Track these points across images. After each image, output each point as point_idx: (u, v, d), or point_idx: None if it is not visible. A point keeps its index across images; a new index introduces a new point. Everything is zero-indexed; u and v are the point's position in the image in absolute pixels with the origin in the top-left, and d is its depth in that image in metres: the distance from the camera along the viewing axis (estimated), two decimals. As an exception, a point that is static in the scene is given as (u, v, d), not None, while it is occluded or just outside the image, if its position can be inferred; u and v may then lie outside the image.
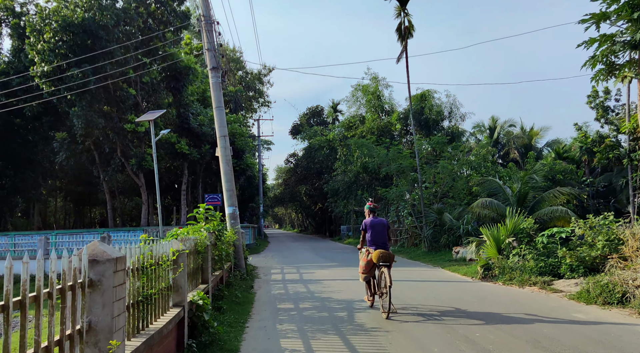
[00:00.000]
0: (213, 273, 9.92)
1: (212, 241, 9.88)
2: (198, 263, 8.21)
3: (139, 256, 4.62)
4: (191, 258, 7.48)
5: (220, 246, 10.07)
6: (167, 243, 5.71)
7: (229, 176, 14.48)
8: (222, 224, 10.79)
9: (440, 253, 19.22)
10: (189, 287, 7.22)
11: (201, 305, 6.46)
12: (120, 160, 24.24)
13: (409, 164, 22.03)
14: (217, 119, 14.60)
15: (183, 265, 5.97)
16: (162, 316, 5.27)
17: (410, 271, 15.14)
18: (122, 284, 3.68)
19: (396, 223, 26.74)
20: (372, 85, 31.25)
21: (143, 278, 4.67)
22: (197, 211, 10.11)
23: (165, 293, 5.48)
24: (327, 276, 14.48)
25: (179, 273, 5.92)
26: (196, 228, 9.43)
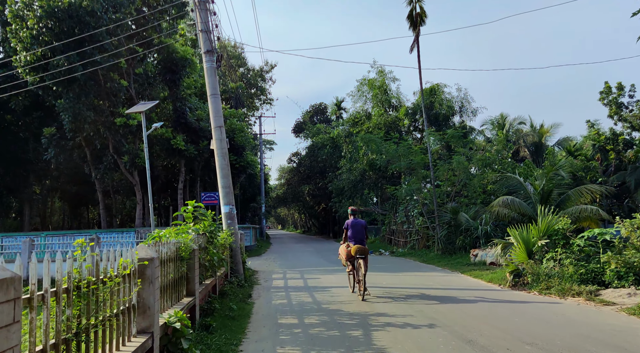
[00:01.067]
0: (203, 282, 8.45)
1: (201, 245, 8.41)
2: (181, 272, 6.74)
3: (72, 271, 3.15)
4: (170, 267, 6.01)
5: (211, 251, 8.59)
6: (127, 250, 4.23)
7: (225, 172, 13.01)
8: (214, 224, 9.32)
9: (456, 256, 17.71)
10: (167, 304, 5.74)
11: (179, 328, 4.98)
12: (112, 157, 22.81)
13: (420, 161, 20.52)
14: (212, 107, 13.14)
15: (151, 278, 4.50)
16: (115, 352, 3.80)
17: (427, 277, 13.62)
18: (11, 324, 2.19)
19: (405, 224, 25.25)
20: (379, 79, 29.73)
21: (78, 304, 3.20)
22: (185, 209, 8.64)
23: (122, 319, 4.00)
24: (334, 283, 12.99)
25: (146, 290, 4.44)
26: (182, 229, 7.96)
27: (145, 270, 4.47)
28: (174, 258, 6.25)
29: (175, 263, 6.31)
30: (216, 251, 9.51)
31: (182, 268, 6.81)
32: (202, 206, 8.99)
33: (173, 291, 6.16)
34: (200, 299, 7.67)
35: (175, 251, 6.33)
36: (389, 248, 25.74)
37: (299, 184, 55.31)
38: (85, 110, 19.97)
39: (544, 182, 16.42)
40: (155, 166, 27.41)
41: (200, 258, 8.21)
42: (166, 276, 5.75)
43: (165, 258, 5.72)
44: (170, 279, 6.00)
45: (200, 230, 8.81)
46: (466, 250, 17.82)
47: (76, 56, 18.74)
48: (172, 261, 6.16)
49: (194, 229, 8.26)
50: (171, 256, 6.11)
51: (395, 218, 27.24)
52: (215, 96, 13.16)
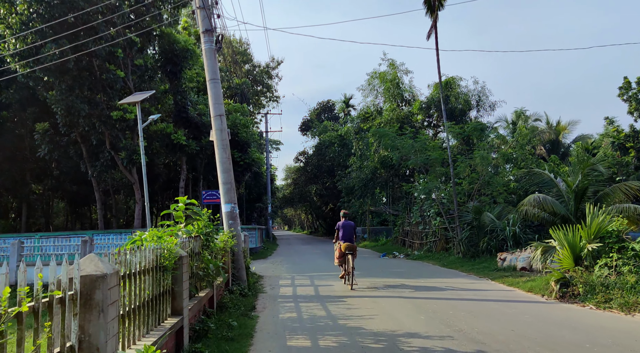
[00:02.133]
0: (196, 294, 7.01)
1: (194, 250, 6.97)
2: (165, 286, 5.29)
3: None
4: (145, 281, 4.56)
5: (206, 257, 7.13)
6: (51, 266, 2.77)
7: (226, 166, 11.58)
8: (211, 225, 7.87)
9: (480, 260, 16.15)
10: (138, 332, 4.28)
11: (149, 372, 3.52)
12: (109, 154, 21.47)
13: (439, 157, 18.98)
14: (211, 94, 11.71)
15: (102, 304, 3.04)
16: None
17: (453, 284, 12.08)
18: None
19: (421, 225, 23.68)
20: (390, 72, 28.19)
21: None
22: (175, 207, 7.20)
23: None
24: (349, 291, 11.51)
25: (92, 323, 2.98)
26: (169, 231, 6.52)
27: (93, 293, 3.01)
28: (152, 269, 4.80)
29: (154, 275, 4.86)
30: (213, 257, 8.07)
31: (166, 281, 5.36)
32: (195, 204, 7.54)
33: (150, 313, 4.70)
34: (191, 317, 6.21)
35: (154, 260, 4.88)
36: (403, 251, 24.20)
37: (306, 184, 53.87)
38: (79, 103, 18.62)
39: (580, 178, 14.82)
40: (156, 163, 26.08)
41: (192, 267, 6.76)
42: (137, 296, 4.30)
43: (136, 271, 4.27)
44: (146, 298, 4.55)
45: (193, 231, 7.37)
46: (491, 253, 16.26)
47: (69, 44, 17.40)
48: (149, 273, 4.71)
49: (184, 231, 6.81)
50: (148, 267, 4.67)
51: (409, 218, 25.69)
52: (214, 81, 11.74)
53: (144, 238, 5.67)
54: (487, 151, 17.86)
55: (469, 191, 19.01)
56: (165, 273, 5.26)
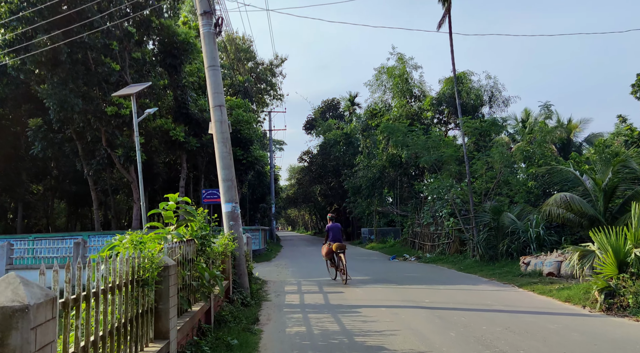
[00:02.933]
0: (189, 309, 5.94)
1: (186, 256, 5.90)
2: (146, 304, 4.22)
3: None
4: (114, 302, 3.47)
5: (200, 265, 6.06)
6: None
7: (226, 161, 10.52)
8: (208, 227, 6.80)
9: (500, 264, 15.01)
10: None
11: None
12: (105, 151, 20.46)
13: (453, 154, 17.85)
14: (210, 82, 10.65)
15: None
16: None
17: (477, 292, 10.96)
18: None
19: (432, 226, 22.56)
20: (399, 66, 27.06)
21: None
22: (165, 205, 6.13)
23: None
24: (363, 298, 10.42)
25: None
26: (157, 235, 5.45)
27: (7, 337, 1.94)
28: (125, 284, 3.73)
29: (128, 292, 3.78)
30: (210, 264, 7.00)
31: (147, 298, 4.28)
32: (189, 202, 6.47)
33: (122, 343, 3.62)
34: (181, 339, 5.14)
35: (129, 272, 3.81)
36: (414, 253, 23.09)
37: (310, 184, 52.83)
38: (72, 97, 17.61)
39: (610, 175, 13.67)
40: (155, 162, 25.08)
41: (183, 277, 5.69)
42: (102, 323, 3.23)
43: (98, 289, 3.19)
44: (115, 324, 3.48)
45: (186, 234, 6.30)
46: (512, 256, 15.13)
47: (61, 35, 16.40)
48: (122, 290, 3.63)
49: (175, 234, 5.74)
50: (119, 282, 3.59)
51: (419, 219, 24.57)
52: (214, 69, 10.67)
53: (123, 244, 4.60)
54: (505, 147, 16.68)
55: (485, 190, 17.88)
56: (146, 288, 4.18)
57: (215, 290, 6.85)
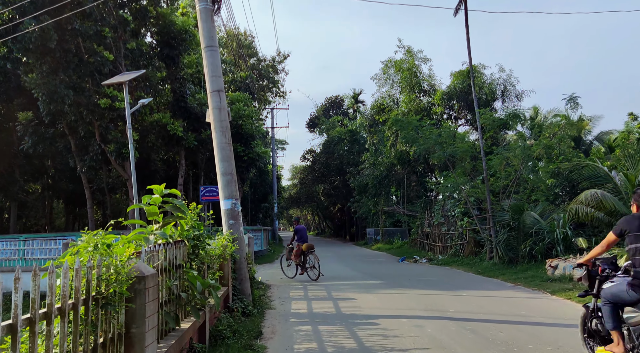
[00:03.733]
0: (179, 325, 4.81)
1: (173, 262, 4.77)
2: (111, 332, 3.09)
3: None
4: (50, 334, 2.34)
5: (190, 273, 4.91)
6: None
7: (225, 153, 9.40)
8: (202, 225, 5.68)
9: (522, 267, 13.87)
10: None
11: None
12: (99, 147, 19.36)
13: (468, 149, 16.70)
14: (208, 64, 9.53)
15: None
16: None
17: (505, 300, 9.81)
18: None
19: (443, 226, 21.41)
20: (407, 59, 25.91)
21: None
22: (149, 199, 5.01)
23: None
24: (378, 306, 9.29)
25: None
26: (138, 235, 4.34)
27: None
28: (74, 305, 2.61)
29: (78, 317, 2.66)
30: (204, 269, 5.88)
31: (114, 319, 3.16)
32: (178, 196, 5.35)
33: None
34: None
35: (83, 289, 2.69)
36: (424, 254, 21.95)
37: (313, 184, 51.72)
38: (63, 88, 16.51)
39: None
40: (153, 159, 23.99)
41: (169, 287, 4.57)
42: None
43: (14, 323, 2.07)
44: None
45: (175, 234, 5.18)
46: (535, 259, 13.97)
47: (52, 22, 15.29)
48: (66, 314, 2.51)
49: (159, 234, 4.61)
50: (64, 305, 2.47)
51: (429, 218, 23.42)
52: (211, 49, 9.55)
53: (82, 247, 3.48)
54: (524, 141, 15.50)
55: (502, 188, 16.72)
56: (109, 308, 3.05)
57: (210, 300, 5.71)
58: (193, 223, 5.68)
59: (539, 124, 35.66)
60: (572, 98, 14.60)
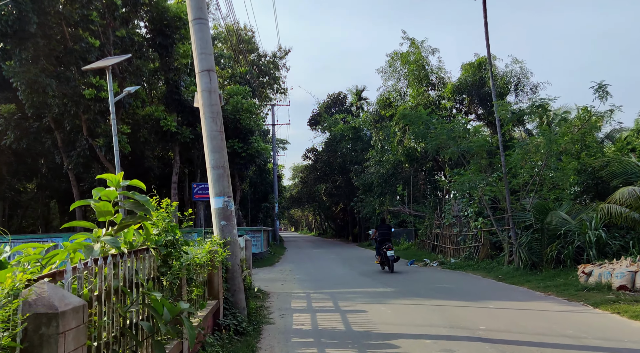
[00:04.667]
0: None
1: (129, 281, 3.43)
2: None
3: None
4: None
5: (152, 296, 3.55)
6: None
7: (217, 143, 8.07)
8: (177, 229, 4.36)
9: (548, 273, 12.51)
10: None
11: None
12: (87, 142, 18.06)
13: (484, 143, 15.35)
14: (196, 39, 8.20)
15: None
16: None
17: (540, 314, 8.45)
18: None
19: (455, 227, 20.06)
20: (413, 52, 24.54)
21: None
22: (98, 193, 3.67)
23: None
24: (394, 322, 7.96)
25: None
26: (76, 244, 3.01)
27: None
28: None
29: None
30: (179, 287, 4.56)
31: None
32: (143, 189, 4.02)
33: None
34: None
35: None
36: (434, 257, 20.60)
37: (314, 183, 50.36)
38: (44, 77, 15.21)
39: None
40: (147, 155, 22.67)
41: (124, 316, 3.23)
42: None
43: None
44: None
45: (138, 240, 3.86)
46: (562, 264, 12.62)
47: (30, 2, 14.00)
48: None
49: (107, 240, 3.28)
50: None
51: (439, 219, 22.07)
52: (200, 23, 8.22)
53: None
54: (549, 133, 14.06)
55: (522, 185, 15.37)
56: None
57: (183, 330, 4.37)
58: (166, 225, 4.36)
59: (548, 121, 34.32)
60: (601, 86, 13.17)
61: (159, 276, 4.18)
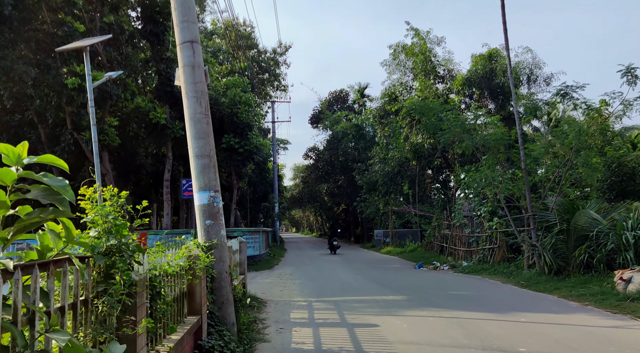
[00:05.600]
0: None
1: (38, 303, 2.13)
2: None
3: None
4: None
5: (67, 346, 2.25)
6: None
7: (201, 127, 6.80)
8: (125, 228, 3.07)
9: (577, 279, 11.21)
10: None
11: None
12: (71, 135, 16.80)
13: (502, 136, 14.06)
14: (177, 6, 6.91)
15: None
16: None
17: (585, 330, 7.16)
18: None
19: (467, 227, 18.78)
20: (418, 43, 23.23)
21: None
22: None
23: None
24: (412, 341, 6.66)
25: None
26: None
27: None
28: None
29: None
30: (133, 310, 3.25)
31: None
32: (65, 169, 2.72)
33: None
34: None
35: None
36: (443, 260, 19.31)
37: (316, 183, 49.10)
38: (21, 64, 13.94)
39: None
40: (138, 152, 21.42)
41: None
42: None
43: None
44: None
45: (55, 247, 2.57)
46: (594, 269, 11.30)
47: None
48: None
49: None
50: None
51: (449, 219, 20.78)
52: (183, -15, 6.94)
53: None
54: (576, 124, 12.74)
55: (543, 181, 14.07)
56: None
57: None
58: (110, 224, 3.08)
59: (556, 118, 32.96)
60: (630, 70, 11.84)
61: (95, 298, 2.89)
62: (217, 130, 20.84)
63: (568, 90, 12.65)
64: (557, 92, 12.66)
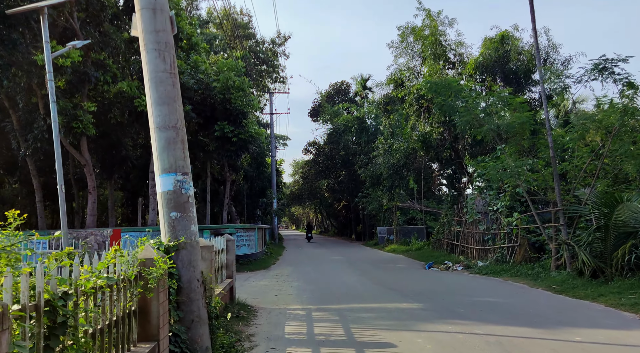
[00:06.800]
0: None
1: None
2: None
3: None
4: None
5: None
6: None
7: (165, 89, 5.16)
8: None
9: (621, 283, 9.61)
10: None
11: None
12: (44, 121, 15.15)
13: (528, 120, 12.42)
14: None
15: None
16: None
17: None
18: None
19: (481, 224, 17.16)
20: (429, 24, 21.55)
21: None
22: None
23: None
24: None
25: None
26: None
27: None
28: None
29: None
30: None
31: None
32: None
33: None
34: None
35: None
36: (454, 259, 17.70)
37: (316, 178, 47.41)
38: (-17, 39, 12.31)
39: None
40: (123, 142, 19.79)
41: None
42: None
43: None
44: None
45: None
46: (634, 271, 9.68)
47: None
48: None
49: None
50: None
51: (460, 214, 19.15)
52: None
53: None
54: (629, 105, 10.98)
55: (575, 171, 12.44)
56: None
57: None
58: None
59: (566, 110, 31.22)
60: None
61: None
62: (208, 118, 19.18)
63: (607, 64, 10.98)
64: (595, 67, 11.00)
